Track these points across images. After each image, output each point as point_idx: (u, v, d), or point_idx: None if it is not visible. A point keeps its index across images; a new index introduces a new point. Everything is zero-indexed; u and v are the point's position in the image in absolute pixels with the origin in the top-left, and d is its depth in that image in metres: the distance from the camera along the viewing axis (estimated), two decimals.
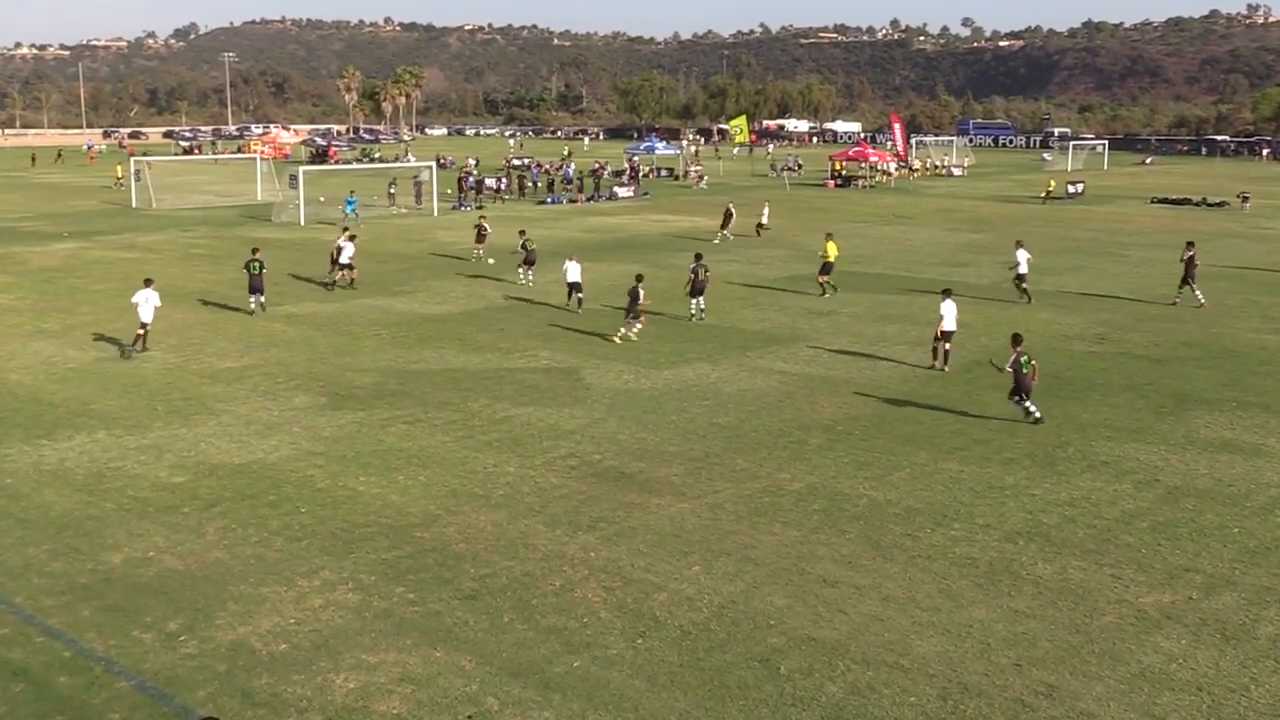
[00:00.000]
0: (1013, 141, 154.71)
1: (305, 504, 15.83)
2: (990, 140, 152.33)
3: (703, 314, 29.19)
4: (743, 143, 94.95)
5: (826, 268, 33.43)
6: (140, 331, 25.00)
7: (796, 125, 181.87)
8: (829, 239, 34.55)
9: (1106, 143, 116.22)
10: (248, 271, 29.63)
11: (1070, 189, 70.47)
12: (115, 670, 11.23)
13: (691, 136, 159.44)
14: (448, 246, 44.10)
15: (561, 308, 30.69)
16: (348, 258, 33.57)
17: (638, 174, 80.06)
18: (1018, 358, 19.72)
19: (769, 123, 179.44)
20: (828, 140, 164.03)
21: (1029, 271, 32.63)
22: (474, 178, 65.73)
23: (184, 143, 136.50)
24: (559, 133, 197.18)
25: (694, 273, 29.18)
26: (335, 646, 11.77)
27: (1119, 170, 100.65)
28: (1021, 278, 32.38)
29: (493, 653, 11.67)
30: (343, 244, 33.90)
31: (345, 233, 35.60)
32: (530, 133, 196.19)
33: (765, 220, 48.76)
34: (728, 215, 47.94)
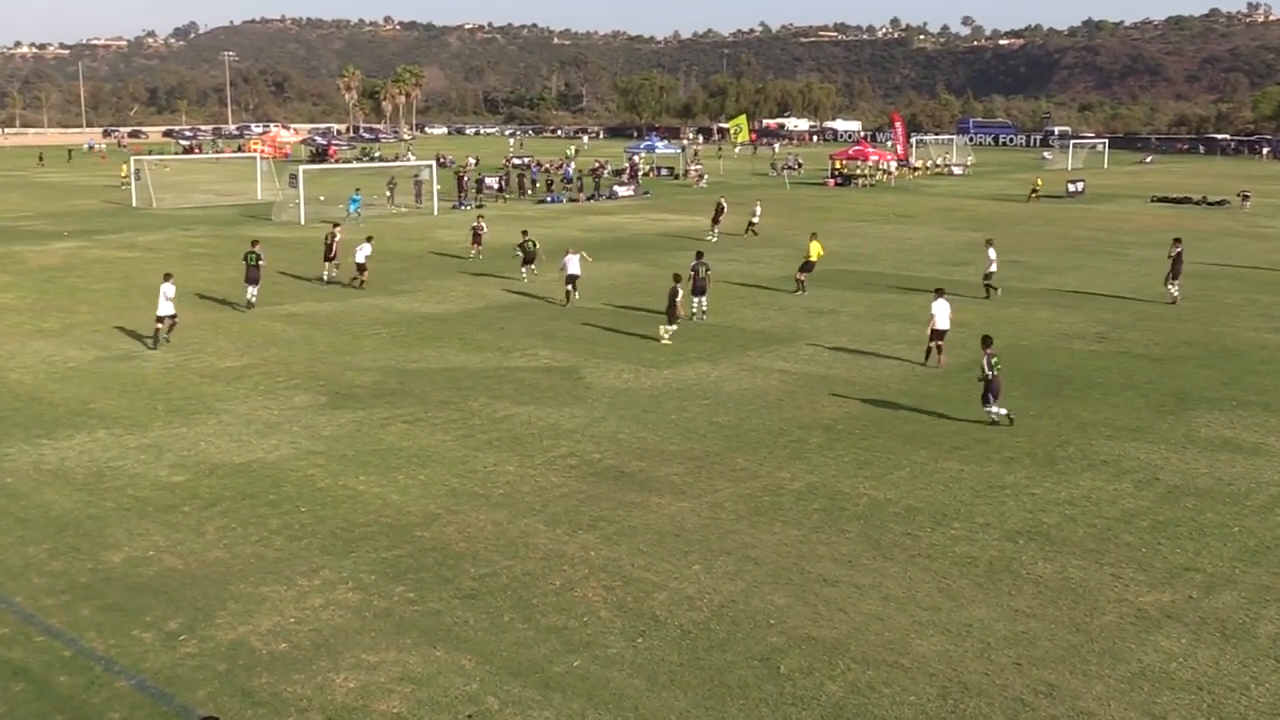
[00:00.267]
0: (1013, 140, 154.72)
1: (305, 503, 15.84)
2: (990, 139, 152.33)
3: (704, 313, 29.20)
4: (743, 142, 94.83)
5: (807, 266, 33.63)
6: (159, 325, 25.67)
7: (796, 124, 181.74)
8: (813, 238, 34.72)
9: (1106, 141, 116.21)
10: (245, 262, 30.33)
11: (1070, 188, 70.46)
12: (115, 669, 11.23)
13: (691, 136, 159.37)
14: (448, 245, 44.09)
15: (561, 307, 30.71)
16: (364, 257, 33.94)
17: (637, 173, 79.99)
18: (989, 359, 19.64)
19: (769, 122, 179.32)
20: (828, 139, 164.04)
21: (997, 270, 33.05)
22: (468, 178, 65.72)
23: (184, 142, 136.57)
24: (559, 132, 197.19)
25: (694, 271, 29.18)
26: (335, 646, 11.77)
27: (1119, 169, 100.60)
28: (989, 276, 32.87)
29: (493, 652, 11.67)
30: (360, 245, 34.36)
31: (336, 227, 35.89)
32: (530, 132, 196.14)
33: (756, 219, 47.90)
34: (719, 209, 47.52)
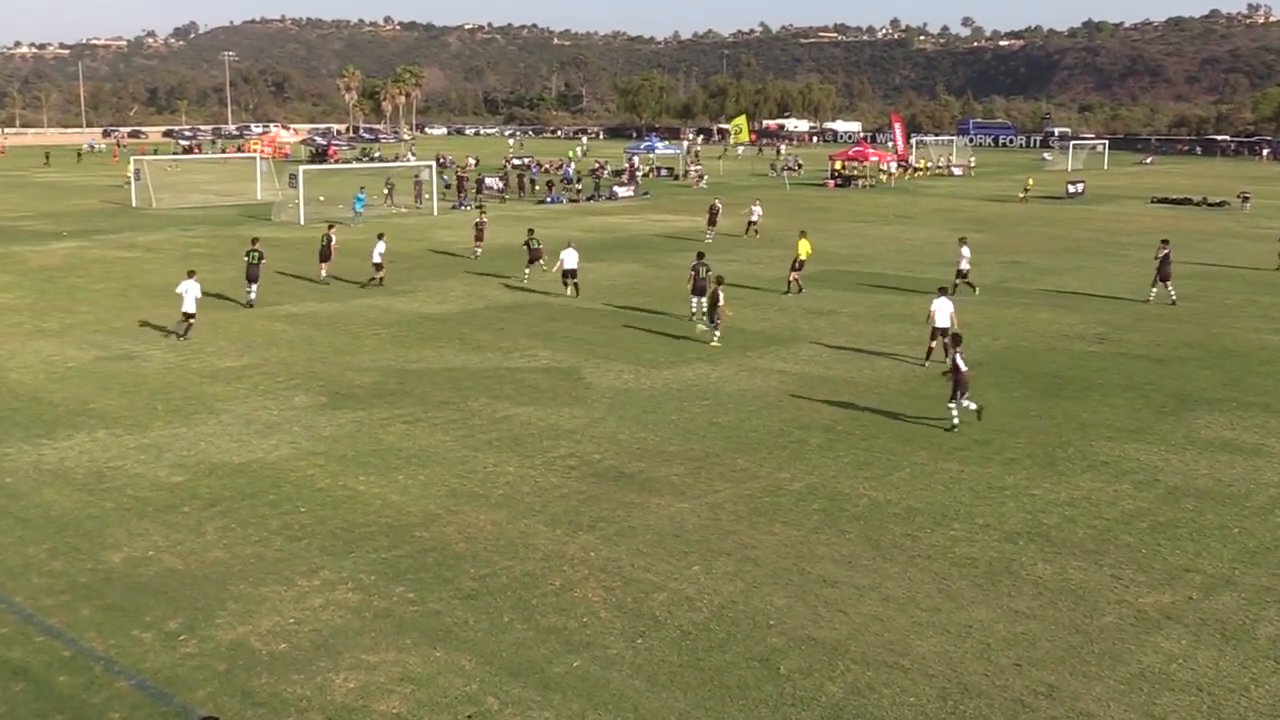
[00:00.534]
0: (1013, 141, 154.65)
1: (305, 503, 15.83)
2: (990, 140, 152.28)
3: (704, 314, 29.16)
4: (743, 142, 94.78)
5: (797, 265, 33.75)
6: (189, 320, 26.18)
7: (796, 125, 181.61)
8: (802, 236, 34.84)
9: (1107, 142, 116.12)
10: (246, 260, 30.55)
11: (1070, 189, 70.45)
12: (115, 669, 11.23)
13: (691, 136, 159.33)
14: (448, 245, 44.12)
15: (561, 306, 30.72)
16: (379, 255, 34.05)
17: (637, 173, 79.97)
18: (956, 358, 19.54)
19: (769, 122, 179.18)
20: (828, 140, 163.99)
21: (969, 268, 33.33)
22: (467, 179, 65.98)
23: (184, 142, 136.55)
24: (559, 132, 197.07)
25: (695, 271, 29.17)
26: (335, 646, 11.77)
27: (1119, 170, 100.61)
28: (963, 273, 33.12)
29: (493, 652, 11.67)
30: (376, 243, 34.42)
31: (332, 229, 35.90)
32: (530, 132, 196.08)
33: (756, 219, 47.70)
34: (713, 212, 47.31)
